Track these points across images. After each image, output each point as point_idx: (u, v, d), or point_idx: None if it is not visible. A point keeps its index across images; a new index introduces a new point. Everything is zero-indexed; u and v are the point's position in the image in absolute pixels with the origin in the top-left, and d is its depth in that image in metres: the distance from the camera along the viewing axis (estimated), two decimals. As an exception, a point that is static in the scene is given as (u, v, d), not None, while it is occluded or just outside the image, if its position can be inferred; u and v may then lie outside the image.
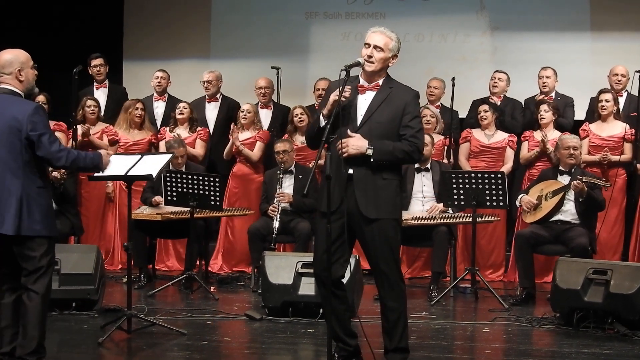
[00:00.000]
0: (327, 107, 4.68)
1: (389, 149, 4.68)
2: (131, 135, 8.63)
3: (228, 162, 8.74)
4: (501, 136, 8.34)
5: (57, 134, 7.65)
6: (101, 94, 9.23)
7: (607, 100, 8.08)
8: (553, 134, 8.12)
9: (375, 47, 4.73)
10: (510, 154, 8.30)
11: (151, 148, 8.61)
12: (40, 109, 4.69)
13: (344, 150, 4.65)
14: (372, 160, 4.64)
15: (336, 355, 4.84)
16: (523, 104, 8.82)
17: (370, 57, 4.73)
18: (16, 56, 4.72)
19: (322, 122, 4.71)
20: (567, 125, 8.42)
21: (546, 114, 8.11)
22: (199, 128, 8.75)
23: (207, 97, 9.19)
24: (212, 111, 9.16)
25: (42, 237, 4.63)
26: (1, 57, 4.73)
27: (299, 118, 8.47)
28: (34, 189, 4.61)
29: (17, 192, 4.56)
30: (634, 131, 8.04)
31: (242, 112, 8.66)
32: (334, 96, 4.63)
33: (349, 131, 4.69)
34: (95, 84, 9.25)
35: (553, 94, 8.63)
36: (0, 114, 4.60)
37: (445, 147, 8.45)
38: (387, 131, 4.71)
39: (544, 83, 8.60)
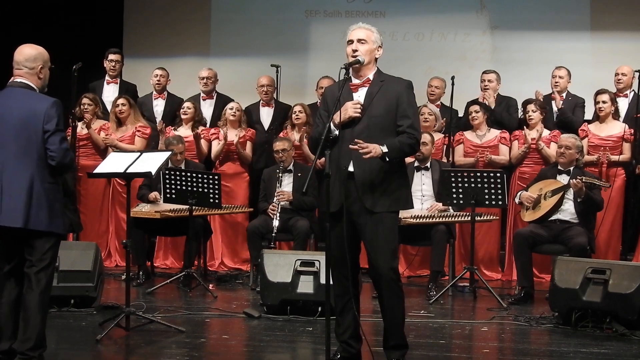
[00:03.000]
0: (343, 118, 4.67)
1: (398, 146, 4.70)
2: (118, 131, 8.62)
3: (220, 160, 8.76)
4: (493, 134, 8.35)
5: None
6: (111, 90, 9.21)
7: (604, 102, 8.09)
8: (543, 133, 8.14)
9: (359, 40, 4.78)
10: (504, 150, 8.30)
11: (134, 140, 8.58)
12: (59, 104, 4.66)
13: (365, 151, 4.61)
14: (387, 159, 4.65)
15: (339, 355, 4.85)
16: (520, 103, 8.80)
17: (355, 51, 4.76)
18: (41, 53, 4.73)
19: (336, 132, 4.70)
20: (576, 124, 8.40)
21: (534, 113, 8.13)
22: (202, 128, 8.74)
23: (202, 95, 9.19)
24: (207, 109, 9.15)
25: (51, 232, 4.63)
26: (24, 50, 4.72)
27: (296, 115, 8.49)
28: (45, 184, 4.59)
29: (28, 186, 4.55)
30: (632, 131, 8.05)
31: (232, 109, 8.67)
32: (352, 112, 4.66)
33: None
34: (107, 78, 9.23)
35: (564, 94, 8.62)
36: (19, 106, 4.58)
37: (445, 146, 8.44)
38: (384, 124, 4.72)
39: (556, 82, 8.58)
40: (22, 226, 4.54)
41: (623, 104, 8.40)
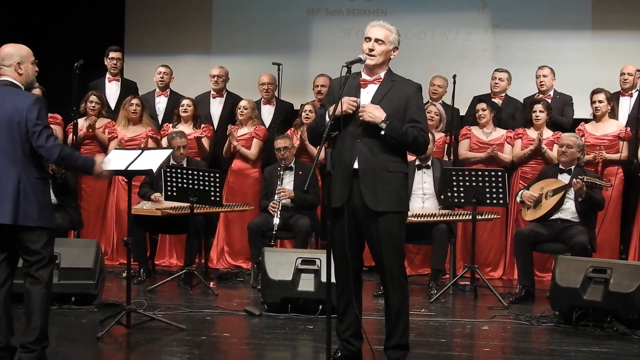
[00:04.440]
0: (338, 113, 4.65)
1: (402, 130, 4.67)
2: (128, 130, 8.63)
3: (230, 158, 8.76)
4: (499, 133, 8.38)
5: (52, 126, 7.64)
6: (113, 87, 9.22)
7: (600, 101, 8.10)
8: (546, 134, 8.17)
9: (377, 40, 4.75)
10: (508, 149, 8.32)
11: (147, 143, 8.60)
12: (41, 101, 4.70)
13: (360, 113, 4.65)
14: (382, 133, 4.63)
15: (339, 353, 4.84)
16: (522, 102, 8.80)
17: (372, 50, 4.74)
18: (17, 49, 4.77)
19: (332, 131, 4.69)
20: (566, 124, 8.42)
21: (541, 114, 8.13)
22: (203, 125, 8.76)
23: (212, 93, 9.19)
24: (217, 107, 9.17)
25: (42, 228, 4.64)
26: (2, 49, 4.78)
27: (306, 114, 8.48)
28: (32, 180, 4.62)
29: (15, 182, 4.57)
30: (629, 129, 8.05)
31: (239, 108, 8.68)
32: (345, 106, 4.64)
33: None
34: (108, 76, 9.23)
35: (551, 93, 8.62)
36: (1, 104, 4.62)
37: (446, 145, 8.45)
38: None
39: (541, 82, 8.59)
40: (11, 222, 4.56)
41: (626, 104, 8.40)
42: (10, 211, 4.55)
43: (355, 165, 4.71)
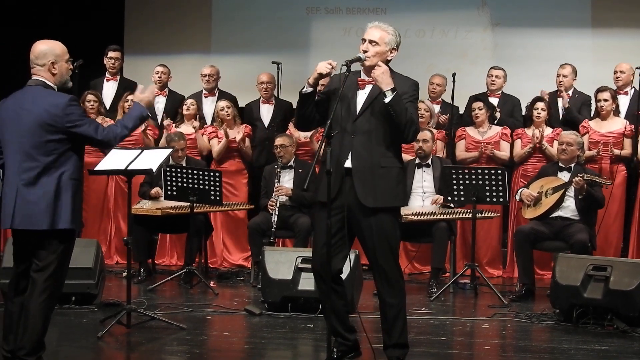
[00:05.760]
0: (313, 77, 4.69)
1: (404, 106, 4.65)
2: None
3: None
4: (494, 131, 8.35)
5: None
6: (110, 87, 9.21)
7: (605, 100, 8.07)
8: (545, 131, 8.16)
9: (371, 41, 4.75)
10: (505, 146, 8.30)
11: (143, 140, 8.61)
12: (73, 100, 4.54)
13: (376, 69, 4.66)
14: (386, 101, 4.60)
15: (335, 350, 4.83)
16: (521, 101, 8.78)
17: (365, 52, 4.74)
18: (51, 48, 4.58)
19: (305, 90, 4.75)
20: (581, 122, 8.38)
21: (543, 112, 8.13)
22: (206, 125, 8.77)
23: (204, 92, 9.19)
24: (209, 106, 9.15)
25: (65, 230, 4.48)
26: (36, 47, 4.60)
27: None
28: (65, 182, 4.46)
29: (49, 186, 4.42)
30: (633, 127, 8.04)
31: (222, 109, 8.65)
32: (322, 68, 4.65)
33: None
34: (107, 75, 9.23)
35: (570, 92, 8.60)
36: (31, 106, 4.47)
37: (444, 144, 8.42)
38: (385, 121, 4.70)
39: (560, 82, 8.52)
40: (48, 228, 4.41)
41: (623, 101, 8.40)
42: (46, 217, 4.40)
43: (348, 163, 4.70)
